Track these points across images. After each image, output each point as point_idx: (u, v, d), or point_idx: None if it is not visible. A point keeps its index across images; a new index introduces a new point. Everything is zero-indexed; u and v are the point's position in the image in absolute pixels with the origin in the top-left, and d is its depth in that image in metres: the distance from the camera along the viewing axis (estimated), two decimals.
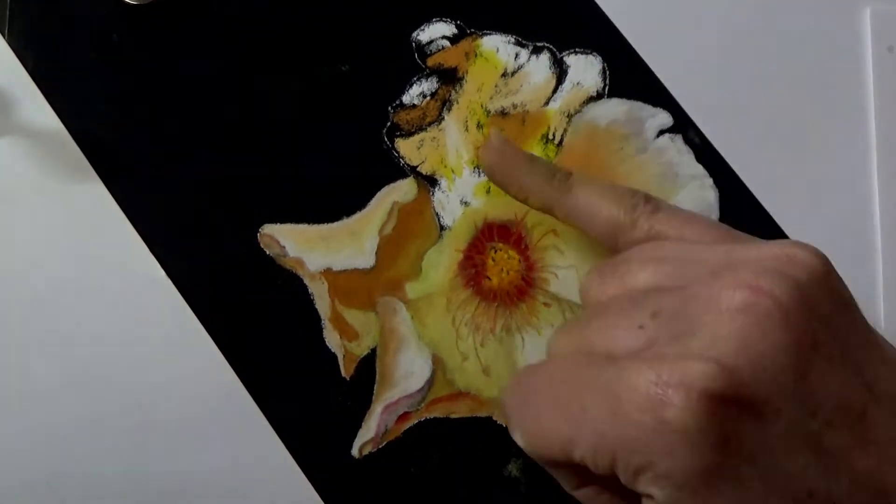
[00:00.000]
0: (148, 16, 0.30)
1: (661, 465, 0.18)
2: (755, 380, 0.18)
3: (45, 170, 0.29)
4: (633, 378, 0.19)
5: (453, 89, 0.30)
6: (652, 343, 0.20)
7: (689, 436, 0.18)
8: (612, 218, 0.25)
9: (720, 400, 0.18)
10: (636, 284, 0.22)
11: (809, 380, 0.19)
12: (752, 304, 0.19)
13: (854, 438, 0.19)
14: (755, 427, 0.18)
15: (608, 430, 0.19)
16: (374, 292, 0.29)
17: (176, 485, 0.28)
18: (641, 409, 0.18)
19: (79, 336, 0.28)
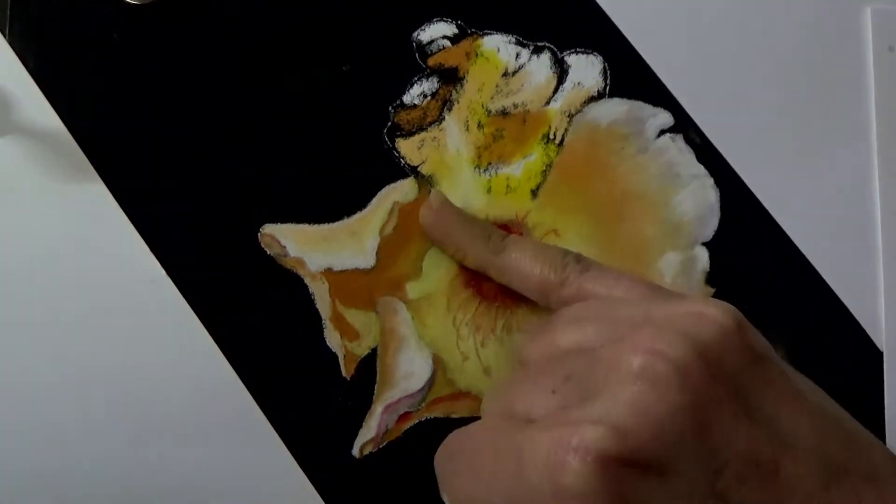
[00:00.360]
0: (148, 16, 0.30)
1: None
2: (652, 442, 0.18)
3: (45, 170, 0.29)
4: (536, 443, 0.19)
5: (454, 89, 0.30)
6: (562, 406, 0.21)
7: (586, 499, 0.18)
8: (543, 278, 0.26)
9: (615, 463, 0.18)
10: (559, 345, 0.23)
11: (712, 438, 0.19)
12: (648, 367, 0.19)
13: (768, 494, 0.19)
14: (654, 489, 0.18)
15: (514, 494, 0.20)
16: (374, 292, 0.29)
17: (176, 485, 0.28)
18: (541, 475, 0.19)
19: (79, 336, 0.28)
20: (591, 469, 0.18)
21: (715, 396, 0.19)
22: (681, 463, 0.18)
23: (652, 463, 0.18)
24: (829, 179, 0.32)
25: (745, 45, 0.32)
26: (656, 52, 0.31)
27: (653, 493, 0.18)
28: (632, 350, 0.20)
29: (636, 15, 0.32)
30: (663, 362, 0.19)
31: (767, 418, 0.20)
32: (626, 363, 0.20)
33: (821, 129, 0.32)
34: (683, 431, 0.19)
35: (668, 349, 0.19)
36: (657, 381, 0.19)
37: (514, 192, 0.30)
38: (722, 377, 0.19)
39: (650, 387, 0.19)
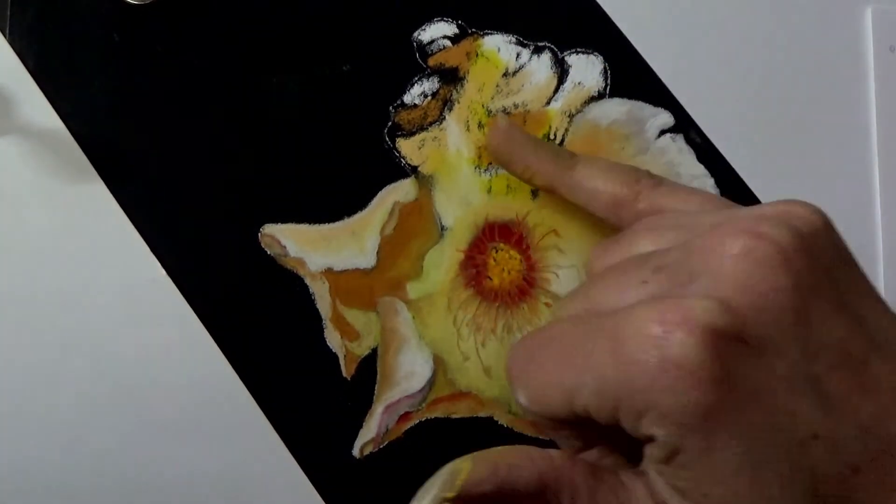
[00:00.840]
0: (148, 16, 0.30)
1: (663, 403, 0.18)
2: (756, 319, 0.18)
3: (45, 170, 0.29)
4: (636, 320, 0.19)
5: (454, 89, 0.30)
6: (655, 292, 0.20)
7: (691, 371, 0.18)
8: (615, 193, 0.26)
9: (722, 336, 0.18)
10: (639, 250, 0.23)
11: (811, 323, 0.19)
12: (752, 248, 0.19)
13: (858, 385, 0.19)
14: (757, 365, 0.18)
15: (611, 372, 0.19)
16: (375, 292, 0.29)
17: (176, 485, 0.28)
18: (643, 349, 0.18)
19: (79, 336, 0.28)
20: (699, 341, 0.18)
21: (815, 284, 0.19)
22: (783, 343, 0.18)
23: (755, 340, 0.18)
24: (829, 179, 0.32)
25: (745, 45, 0.32)
26: (656, 52, 0.31)
27: (754, 369, 0.18)
28: (732, 233, 0.20)
29: (636, 15, 0.32)
30: (767, 244, 0.19)
31: (858, 315, 0.20)
32: (728, 245, 0.19)
33: (821, 129, 0.32)
34: (786, 313, 0.19)
35: (771, 232, 0.19)
36: (762, 261, 0.19)
37: (514, 192, 0.30)
38: (820, 267, 0.19)
39: (755, 265, 0.19)
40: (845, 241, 0.21)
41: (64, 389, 0.28)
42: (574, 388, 0.20)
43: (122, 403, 0.28)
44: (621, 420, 0.19)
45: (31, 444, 0.28)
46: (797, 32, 0.33)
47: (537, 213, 0.30)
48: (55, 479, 0.28)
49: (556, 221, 0.30)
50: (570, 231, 0.30)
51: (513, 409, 0.30)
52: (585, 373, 0.20)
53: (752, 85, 0.32)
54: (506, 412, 0.30)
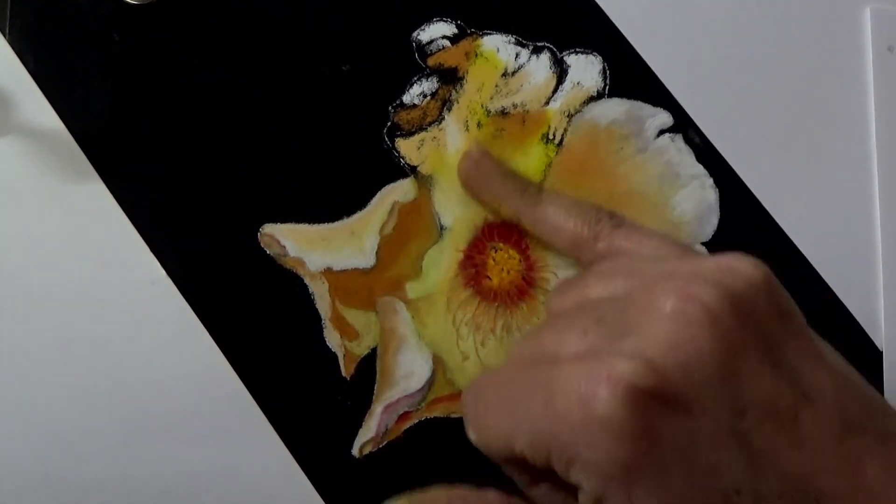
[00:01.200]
0: (148, 16, 0.30)
1: (588, 456, 0.19)
2: (681, 379, 0.19)
3: (45, 170, 0.29)
4: (567, 375, 0.20)
5: (454, 89, 0.30)
6: (594, 346, 0.21)
7: (613, 427, 0.19)
8: (575, 232, 0.27)
9: (645, 395, 0.19)
10: (590, 296, 0.24)
11: (738, 381, 0.19)
12: (682, 309, 0.20)
13: (785, 439, 0.19)
14: (680, 423, 0.19)
15: (542, 424, 0.20)
16: (374, 292, 0.29)
17: (176, 485, 0.28)
18: (571, 404, 0.19)
19: (79, 336, 0.28)
20: (622, 399, 0.19)
21: (743, 343, 0.20)
22: (707, 401, 0.19)
23: (680, 399, 0.19)
24: (829, 179, 0.32)
25: (744, 45, 0.32)
26: (656, 52, 0.31)
27: (678, 428, 0.19)
28: (665, 293, 0.20)
29: (636, 15, 0.32)
30: (696, 305, 0.20)
31: (791, 370, 0.20)
32: (660, 304, 0.20)
33: (821, 129, 0.32)
34: (712, 372, 0.19)
35: (700, 293, 0.20)
36: (690, 322, 0.20)
37: None
38: (750, 326, 0.20)
39: (683, 326, 0.20)
40: (786, 295, 0.22)
41: (64, 389, 0.28)
42: (511, 434, 0.21)
43: (122, 403, 0.28)
44: (554, 467, 0.20)
45: (31, 444, 0.28)
46: (796, 32, 0.33)
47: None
48: (55, 479, 0.28)
49: None
50: None
51: None
52: (521, 423, 0.21)
53: (751, 85, 0.32)
54: None
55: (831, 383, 0.20)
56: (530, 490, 0.24)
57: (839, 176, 0.32)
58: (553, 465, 0.20)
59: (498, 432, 0.22)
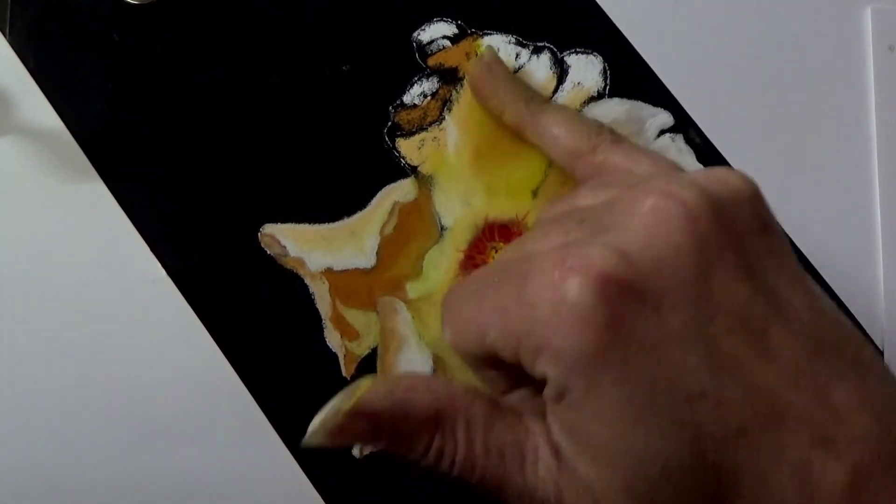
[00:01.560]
0: (148, 16, 0.30)
1: (554, 343, 0.19)
2: (653, 272, 0.19)
3: (45, 170, 0.29)
4: (540, 263, 0.20)
5: (454, 89, 0.30)
6: (568, 242, 0.21)
7: (581, 314, 0.18)
8: (574, 143, 0.27)
9: (615, 285, 0.19)
10: (577, 205, 0.24)
11: (710, 285, 0.19)
12: (661, 207, 0.20)
13: (753, 350, 0.19)
14: (649, 318, 0.19)
15: (514, 311, 0.20)
16: (374, 292, 0.29)
17: (176, 485, 0.28)
18: (542, 290, 0.19)
19: (79, 336, 0.28)
20: (592, 286, 0.18)
21: (720, 247, 0.19)
22: (677, 299, 0.19)
23: (650, 293, 0.19)
24: (829, 179, 0.32)
25: (745, 45, 0.32)
26: (656, 52, 0.31)
27: (645, 320, 0.19)
28: (646, 192, 0.20)
29: (636, 15, 0.32)
30: (675, 202, 0.20)
31: (767, 284, 0.20)
32: (640, 202, 0.20)
33: (821, 129, 0.32)
34: (684, 271, 0.19)
35: (681, 192, 0.20)
36: (666, 219, 0.19)
37: (514, 191, 0.30)
38: (730, 233, 0.20)
39: (659, 222, 0.19)
40: (772, 215, 0.21)
41: (64, 389, 0.28)
42: (484, 326, 0.21)
43: (122, 403, 0.28)
44: (521, 359, 0.20)
45: (31, 444, 0.28)
46: (797, 32, 0.33)
47: (537, 212, 0.30)
48: (54, 478, 0.28)
49: None
50: None
51: None
52: (494, 312, 0.20)
53: (752, 85, 0.32)
54: None
55: (807, 304, 0.20)
56: (506, 399, 0.23)
57: (839, 176, 0.32)
58: (521, 359, 0.20)
59: (471, 326, 0.21)
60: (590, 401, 0.19)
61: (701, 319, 0.19)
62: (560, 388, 0.19)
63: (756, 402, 0.19)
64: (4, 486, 0.28)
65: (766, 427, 0.19)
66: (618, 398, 0.18)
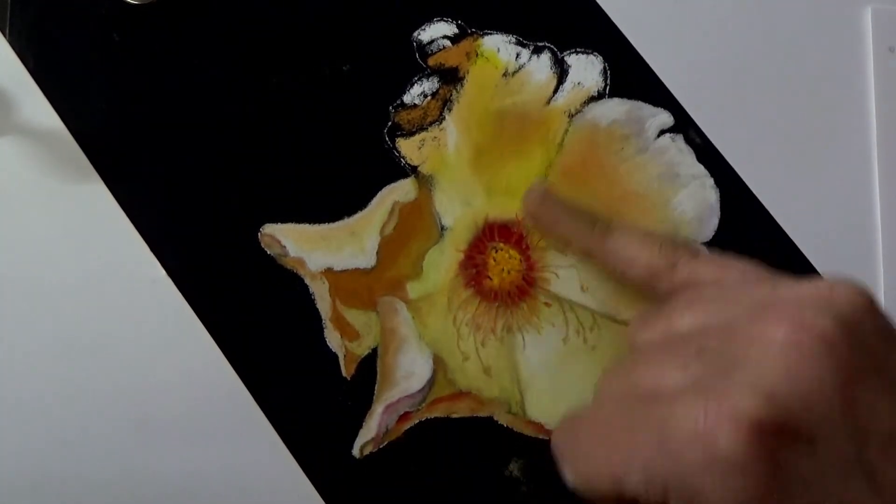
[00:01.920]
0: (148, 16, 0.30)
1: (713, 495, 0.18)
2: (802, 409, 0.18)
3: (45, 170, 0.29)
4: (682, 413, 0.19)
5: (454, 89, 0.30)
6: (698, 381, 0.20)
7: (738, 466, 0.18)
8: (652, 263, 0.26)
9: (769, 431, 0.18)
10: (681, 327, 0.23)
11: (858, 409, 0.19)
12: (796, 337, 0.19)
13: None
14: (805, 456, 0.18)
15: (659, 465, 0.19)
16: (375, 292, 0.29)
17: (176, 485, 0.28)
18: (691, 443, 0.19)
19: (79, 335, 0.28)
20: (746, 436, 0.18)
21: (859, 369, 0.19)
22: (830, 432, 0.19)
23: (803, 431, 0.18)
24: (829, 179, 0.32)
25: (745, 46, 0.32)
26: (656, 52, 0.31)
27: (804, 461, 0.18)
28: (775, 321, 0.20)
29: (636, 15, 0.32)
30: (811, 334, 0.19)
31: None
32: (772, 333, 0.20)
33: (821, 129, 0.32)
34: (832, 401, 0.19)
35: (814, 321, 0.19)
36: (805, 351, 0.19)
37: (514, 192, 0.30)
38: (863, 352, 0.20)
39: (799, 355, 0.19)
40: (889, 317, 0.21)
41: (64, 388, 0.28)
42: (622, 475, 0.20)
43: (122, 403, 0.28)
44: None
45: (31, 443, 0.28)
46: (797, 32, 0.33)
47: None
48: (54, 478, 0.28)
49: None
50: None
51: (512, 408, 0.30)
52: (633, 463, 0.20)
53: (752, 85, 0.32)
54: (505, 412, 0.30)
55: None
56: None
57: (839, 176, 0.32)
58: None
59: (605, 472, 0.21)
60: None
61: (855, 446, 0.19)
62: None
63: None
64: (4, 486, 0.28)
65: None
66: None
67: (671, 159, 0.31)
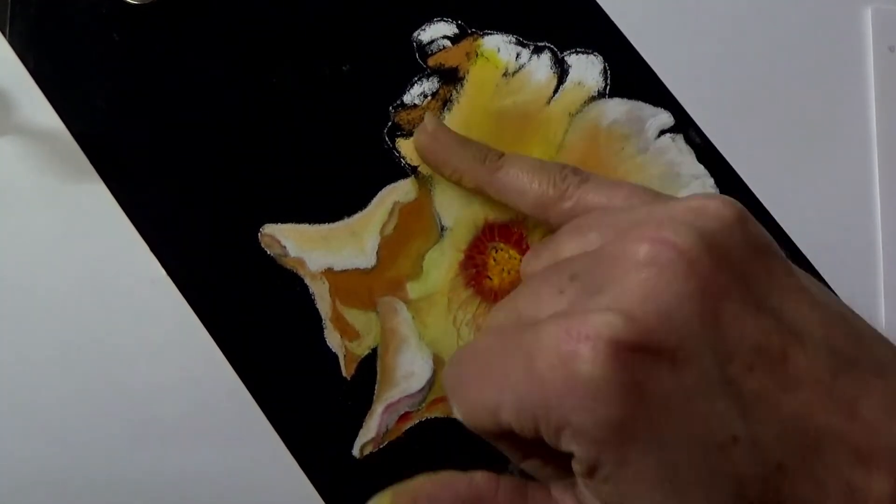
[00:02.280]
0: (148, 16, 0.30)
1: (576, 420, 0.18)
2: (662, 328, 0.18)
3: (45, 170, 0.29)
4: (544, 336, 0.19)
5: (454, 89, 0.30)
6: (571, 304, 0.20)
7: (599, 388, 0.18)
8: (541, 193, 0.26)
9: (627, 349, 0.18)
10: (562, 254, 0.23)
11: (721, 326, 0.19)
12: (655, 255, 0.19)
13: (777, 382, 0.19)
14: (667, 375, 0.18)
15: (525, 390, 0.19)
16: (375, 292, 0.29)
17: (175, 484, 0.28)
18: (552, 366, 0.18)
19: (79, 336, 0.28)
20: (604, 356, 0.18)
21: (722, 284, 0.19)
22: (691, 350, 0.18)
23: (663, 349, 0.18)
24: (829, 179, 0.32)
25: (745, 45, 0.32)
26: (656, 52, 0.31)
27: (663, 378, 0.18)
28: (636, 240, 0.20)
29: (636, 15, 0.32)
30: (669, 249, 0.19)
31: (773, 308, 0.19)
32: (632, 253, 0.19)
33: (821, 129, 0.32)
34: (692, 318, 0.18)
35: (673, 237, 0.19)
36: (664, 268, 0.19)
37: None
38: (728, 266, 0.19)
39: (657, 273, 0.19)
40: (762, 230, 0.21)
41: (63, 389, 0.28)
42: (496, 405, 0.20)
43: (122, 403, 0.28)
44: (543, 436, 0.19)
45: (31, 444, 0.28)
46: (797, 32, 0.33)
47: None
48: (53, 478, 0.28)
49: None
50: None
51: None
52: (504, 392, 0.20)
53: (752, 85, 0.32)
54: None
55: (818, 318, 0.20)
56: (525, 465, 0.23)
57: (840, 176, 0.32)
58: (542, 435, 0.19)
59: (482, 404, 0.21)
60: (624, 473, 0.18)
61: (719, 364, 0.18)
62: (590, 464, 0.19)
63: (790, 434, 0.18)
64: (4, 486, 0.28)
65: (805, 457, 0.18)
66: (650, 465, 0.18)
67: (671, 159, 0.31)
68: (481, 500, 0.21)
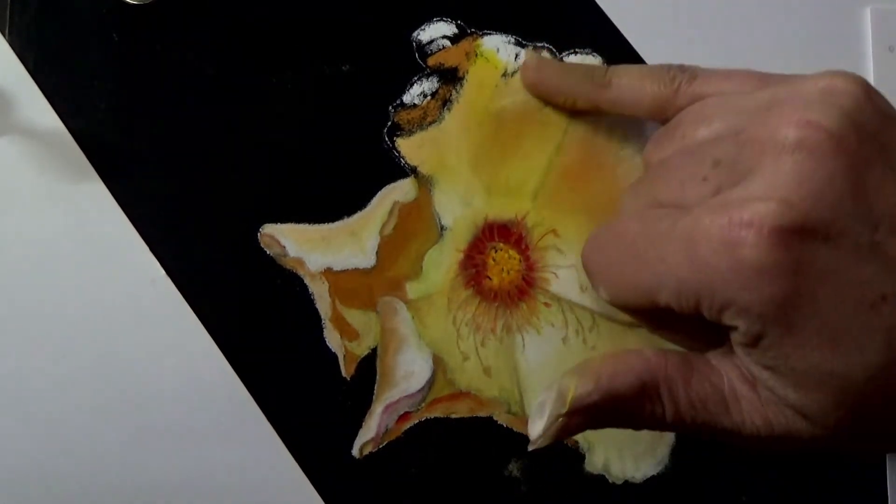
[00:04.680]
0: (148, 16, 0.30)
1: (742, 299, 0.20)
2: (818, 209, 0.20)
3: (45, 170, 0.29)
4: (706, 224, 0.20)
5: (454, 89, 0.30)
6: (718, 190, 0.22)
7: (764, 270, 0.19)
8: (656, 95, 0.27)
9: (788, 232, 0.19)
10: (693, 141, 0.24)
11: (867, 197, 0.20)
12: (804, 138, 0.20)
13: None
14: (823, 250, 0.20)
15: (688, 275, 0.21)
16: (374, 292, 0.29)
17: (175, 484, 0.28)
18: (717, 252, 0.20)
19: (79, 336, 0.28)
20: (768, 241, 0.19)
21: (866, 157, 0.20)
22: (843, 224, 0.20)
23: (819, 227, 0.19)
24: None
25: (745, 45, 0.32)
26: (655, 52, 0.31)
27: (821, 253, 0.19)
28: (783, 125, 0.21)
29: (636, 14, 0.32)
30: (818, 131, 0.20)
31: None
32: (781, 137, 0.20)
33: None
34: (844, 194, 0.20)
35: (820, 118, 0.20)
36: (814, 150, 0.20)
37: (513, 192, 0.30)
38: (868, 139, 0.20)
39: (808, 156, 0.20)
40: (884, 99, 0.22)
41: (63, 389, 0.28)
42: (653, 288, 0.22)
43: (122, 403, 0.28)
44: (703, 313, 0.21)
45: (31, 445, 0.28)
46: (796, 32, 0.33)
47: (536, 213, 0.30)
48: (53, 478, 0.28)
49: (555, 221, 0.30)
50: (569, 231, 0.30)
51: (512, 409, 0.30)
52: (663, 276, 0.21)
53: None
54: (505, 412, 0.30)
55: None
56: (655, 334, 0.24)
57: None
58: (703, 312, 0.21)
59: (636, 286, 0.22)
60: (787, 341, 0.20)
61: (867, 231, 0.20)
62: (754, 336, 0.20)
63: None
64: (4, 486, 0.28)
65: None
66: (812, 330, 0.20)
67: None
68: (654, 372, 0.22)
